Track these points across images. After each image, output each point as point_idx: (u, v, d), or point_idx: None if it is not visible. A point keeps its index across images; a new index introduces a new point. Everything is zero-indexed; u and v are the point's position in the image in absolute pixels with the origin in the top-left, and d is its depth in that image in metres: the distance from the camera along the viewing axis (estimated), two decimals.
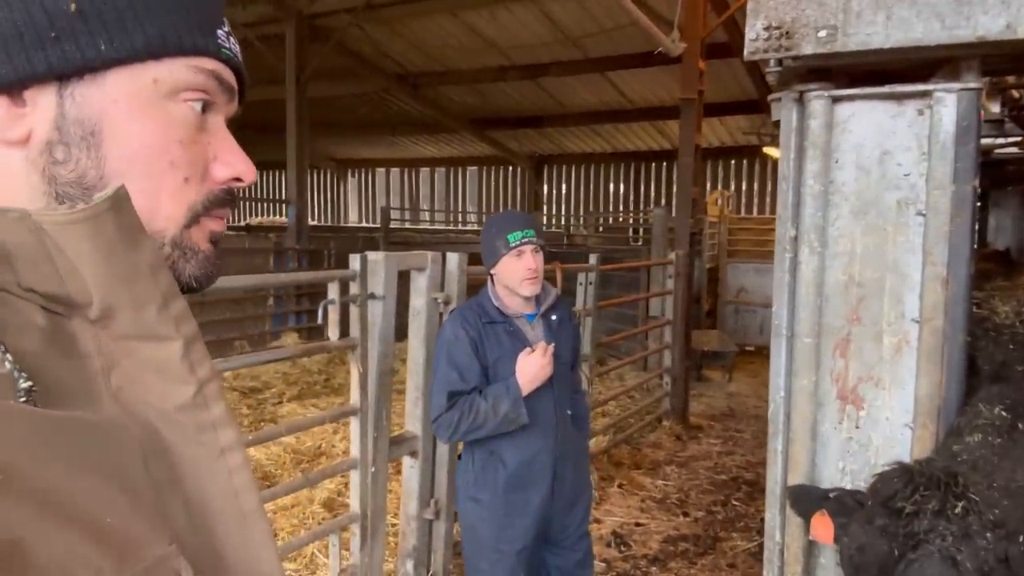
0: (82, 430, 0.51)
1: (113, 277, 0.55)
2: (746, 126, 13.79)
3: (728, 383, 9.77)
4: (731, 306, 12.38)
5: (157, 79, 0.61)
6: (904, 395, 1.96)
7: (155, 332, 0.58)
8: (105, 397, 0.57)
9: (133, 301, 0.57)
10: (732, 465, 6.51)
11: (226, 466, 0.62)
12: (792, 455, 2.08)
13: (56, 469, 0.46)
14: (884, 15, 1.75)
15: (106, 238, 0.54)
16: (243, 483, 0.63)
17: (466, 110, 14.69)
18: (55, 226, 0.53)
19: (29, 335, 0.54)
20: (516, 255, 2.34)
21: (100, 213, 0.53)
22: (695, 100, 7.26)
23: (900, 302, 1.97)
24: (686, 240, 7.12)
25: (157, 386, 0.59)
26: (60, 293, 0.55)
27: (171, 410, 0.60)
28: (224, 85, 0.67)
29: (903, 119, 1.94)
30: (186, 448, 0.60)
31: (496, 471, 2.40)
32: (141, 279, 0.57)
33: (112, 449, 0.52)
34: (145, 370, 0.59)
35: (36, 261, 0.54)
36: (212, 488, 0.61)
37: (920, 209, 1.92)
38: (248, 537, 0.63)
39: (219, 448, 0.62)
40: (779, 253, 2.11)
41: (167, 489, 0.57)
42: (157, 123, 0.62)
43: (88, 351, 0.57)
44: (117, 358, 0.58)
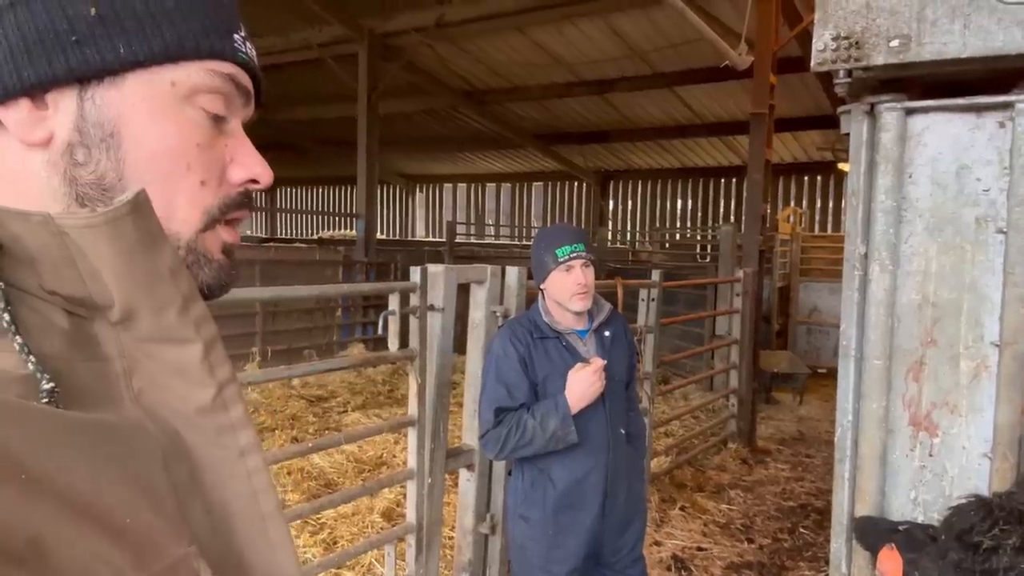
0: (103, 432, 0.51)
1: (133, 280, 0.56)
2: (820, 141, 13.42)
3: (799, 406, 9.44)
4: (803, 326, 11.99)
5: (175, 82, 0.62)
6: (982, 423, 1.85)
7: (175, 335, 0.59)
8: (126, 399, 0.58)
9: (153, 304, 0.58)
10: (801, 492, 6.27)
11: (245, 468, 0.63)
12: (860, 483, 1.98)
13: (77, 469, 0.47)
14: (961, 23, 1.67)
15: (126, 241, 0.55)
16: (262, 485, 0.64)
17: (532, 126, 14.78)
18: (77, 229, 0.54)
19: (52, 337, 0.55)
20: (565, 270, 2.31)
21: (120, 216, 0.54)
22: (765, 115, 7.10)
23: (979, 324, 1.86)
24: (755, 258, 6.95)
25: (177, 389, 0.60)
26: (82, 296, 0.56)
27: (191, 412, 0.60)
28: (241, 88, 0.67)
29: (983, 132, 1.84)
30: (206, 450, 0.61)
31: (545, 490, 2.36)
32: (161, 282, 0.58)
33: (133, 451, 0.53)
34: (166, 373, 0.60)
35: (59, 264, 0.55)
36: (232, 490, 0.62)
37: (1001, 226, 1.82)
38: (267, 539, 0.64)
39: (239, 450, 0.62)
40: (848, 271, 2.03)
41: (187, 491, 0.58)
42: (175, 126, 0.62)
43: (110, 354, 0.58)
44: (138, 360, 0.59)
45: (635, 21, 9.82)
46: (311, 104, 13.83)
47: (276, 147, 18.00)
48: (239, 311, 8.80)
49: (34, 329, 0.54)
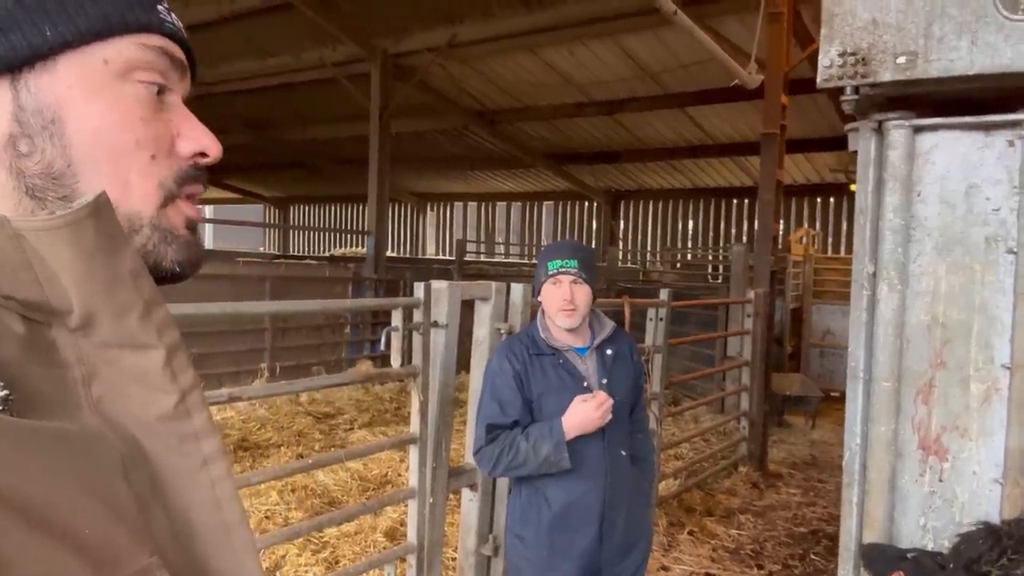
0: (60, 440, 0.50)
1: (94, 284, 0.55)
2: (833, 163, 13.37)
3: (811, 430, 9.31)
4: (816, 349, 11.87)
5: (107, 59, 0.61)
6: (993, 447, 1.80)
7: (137, 340, 0.58)
8: (85, 407, 0.56)
9: (114, 308, 0.56)
10: (813, 517, 6.16)
11: (208, 477, 0.61)
12: (868, 509, 1.93)
13: (33, 479, 0.45)
14: (968, 40, 1.64)
15: (86, 244, 0.54)
16: (226, 494, 0.62)
17: (543, 145, 14.83)
18: (35, 232, 0.53)
19: (7, 343, 0.53)
20: (553, 283, 2.29)
21: (80, 219, 0.53)
22: (776, 135, 7.08)
23: (989, 346, 1.82)
24: (766, 278, 6.89)
25: (138, 396, 0.59)
26: (40, 300, 0.55)
27: (152, 420, 0.59)
28: (175, 61, 0.66)
29: (992, 151, 1.81)
30: (168, 459, 0.60)
31: (540, 510, 2.32)
32: (122, 286, 0.57)
33: (91, 460, 0.52)
34: (126, 379, 0.58)
35: (15, 268, 0.53)
36: (195, 499, 0.61)
37: (1011, 247, 1.78)
38: (231, 549, 0.62)
39: (201, 458, 0.61)
40: (856, 290, 1.99)
41: (149, 501, 0.56)
42: (115, 103, 0.61)
43: (68, 360, 0.57)
44: (98, 367, 0.58)
45: (645, 42, 9.86)
46: (324, 123, 13.95)
47: (289, 166, 18.17)
48: (249, 327, 8.83)
49: None
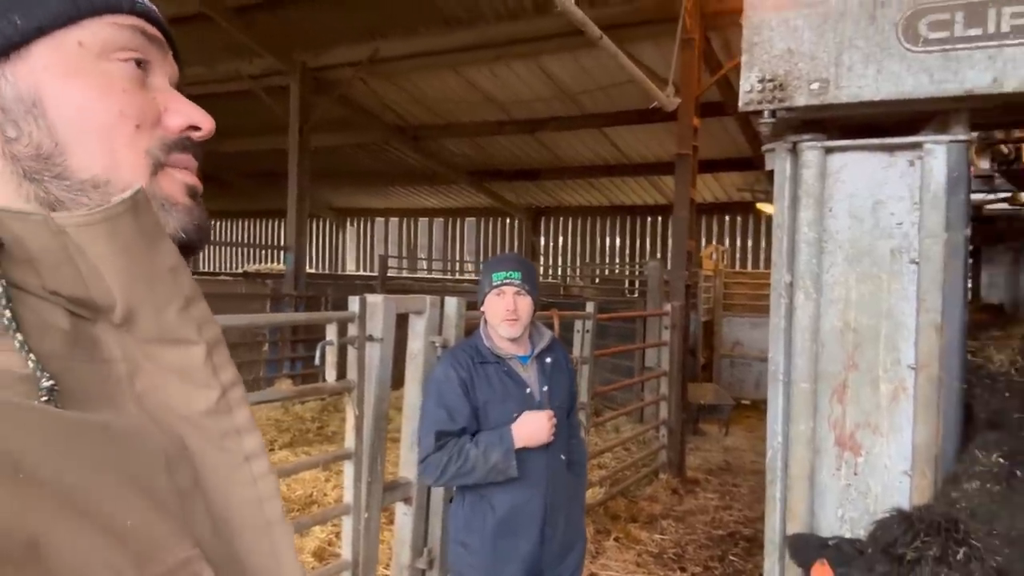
0: (103, 433, 0.51)
1: (133, 278, 0.56)
2: (740, 182, 14.03)
3: (724, 437, 9.69)
4: (727, 359, 12.37)
5: (82, 42, 0.61)
6: (902, 442, 1.96)
7: (177, 335, 0.59)
8: (129, 402, 0.57)
9: (154, 302, 0.58)
10: (729, 520, 6.40)
11: (250, 473, 0.62)
12: (791, 503, 2.06)
13: (76, 469, 0.46)
14: (875, 69, 1.81)
15: (124, 239, 0.55)
16: (268, 490, 0.63)
17: (465, 162, 14.92)
18: (75, 228, 0.54)
19: (52, 337, 0.54)
20: (497, 294, 2.37)
21: (118, 214, 0.55)
22: (690, 155, 7.39)
23: (896, 349, 1.99)
24: (681, 292, 7.16)
25: (181, 391, 0.60)
26: (83, 296, 0.56)
27: (195, 415, 0.60)
28: (153, 39, 0.66)
29: (895, 170, 1.99)
30: (210, 454, 0.60)
31: (485, 516, 2.36)
32: (161, 280, 0.58)
33: (133, 453, 0.52)
34: (169, 375, 0.59)
35: (59, 263, 0.55)
36: (236, 495, 0.61)
37: (913, 257, 1.96)
38: (271, 545, 0.63)
39: (243, 455, 0.62)
40: (775, 299, 2.13)
41: (190, 496, 0.57)
42: (95, 79, 0.61)
43: (112, 356, 0.58)
44: (140, 363, 0.59)
45: (565, 64, 10.12)
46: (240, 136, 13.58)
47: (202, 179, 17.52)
48: None
49: (34, 328, 0.53)
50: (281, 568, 0.63)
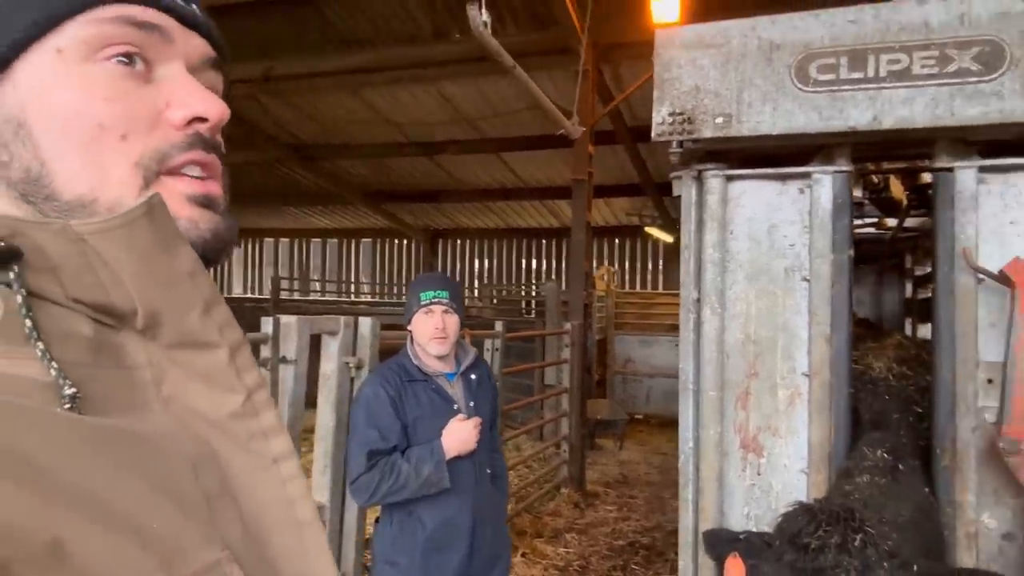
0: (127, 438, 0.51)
1: (153, 283, 0.56)
2: (628, 207, 14.64)
3: (620, 451, 10.01)
4: (619, 376, 12.78)
5: (60, 48, 0.58)
6: (799, 443, 2.16)
7: (200, 338, 0.59)
8: (156, 407, 0.57)
9: (175, 307, 0.57)
10: (628, 530, 6.63)
11: (279, 475, 0.62)
12: (702, 504, 2.21)
13: (100, 473, 0.46)
14: (771, 106, 2.02)
15: (142, 244, 0.55)
16: (298, 492, 0.63)
17: (362, 183, 14.77)
18: (93, 235, 0.54)
19: (75, 345, 0.54)
20: (425, 313, 2.41)
21: (134, 220, 0.54)
22: (586, 181, 7.69)
23: (791, 358, 2.19)
24: (580, 311, 7.40)
25: (207, 395, 0.59)
26: (105, 303, 0.56)
27: (222, 419, 0.60)
28: (145, 26, 0.60)
29: (787, 196, 2.21)
30: (238, 457, 0.60)
31: (415, 533, 2.38)
32: (181, 285, 0.57)
33: (159, 458, 0.52)
34: (194, 379, 0.59)
35: (80, 272, 0.55)
36: (266, 497, 0.61)
37: (805, 275, 2.17)
38: (303, 547, 0.62)
39: (271, 457, 0.62)
40: (684, 315, 2.30)
41: (219, 499, 0.56)
42: (73, 90, 0.58)
43: (138, 362, 0.58)
44: (166, 368, 0.58)
45: (464, 89, 10.28)
46: None
47: None
48: None
49: (57, 336, 0.53)
50: (313, 569, 0.62)
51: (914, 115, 1.89)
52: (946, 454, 1.99)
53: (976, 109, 1.82)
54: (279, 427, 0.63)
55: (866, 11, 1.93)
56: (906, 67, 1.89)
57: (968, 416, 1.96)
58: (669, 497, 7.75)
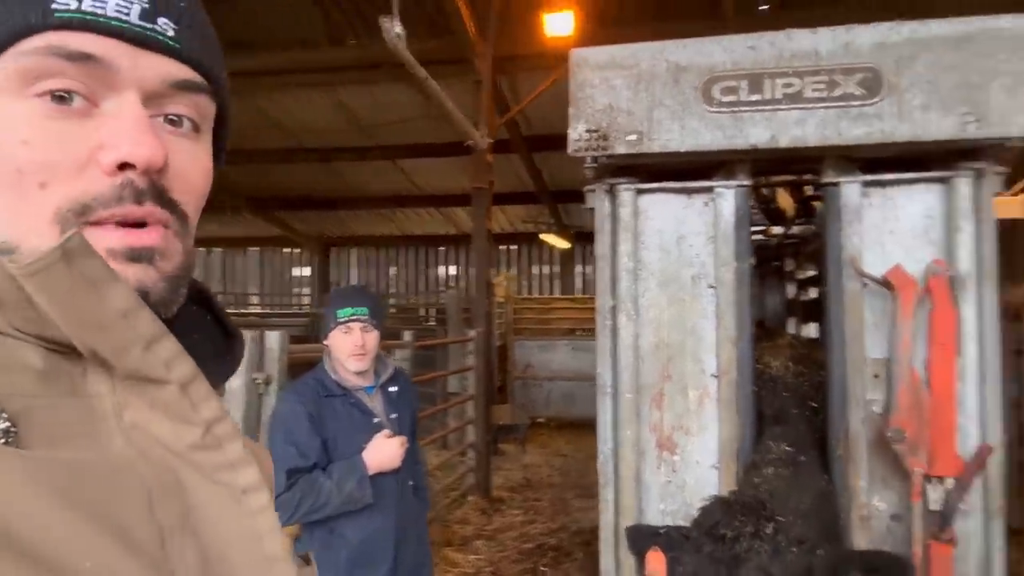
0: (67, 471, 0.49)
1: (80, 325, 0.53)
2: (524, 215, 14.89)
3: (523, 455, 10.14)
4: (519, 381, 12.95)
5: None
6: (709, 440, 2.30)
7: (146, 375, 0.56)
8: (116, 436, 0.55)
9: (112, 347, 0.54)
10: (536, 533, 6.73)
11: (248, 507, 0.59)
12: (622, 502, 2.31)
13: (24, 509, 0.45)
14: (679, 125, 2.15)
15: (61, 289, 0.51)
16: (267, 526, 0.60)
17: (249, 190, 14.24)
18: (19, 276, 0.51)
19: (18, 375, 0.53)
20: (344, 330, 2.39)
21: (48, 266, 0.51)
22: (487, 189, 7.78)
23: (700, 360, 2.33)
24: (484, 318, 7.46)
25: (167, 426, 0.57)
26: (48, 336, 0.54)
27: (184, 450, 0.57)
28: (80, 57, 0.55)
29: (693, 209, 2.35)
30: (204, 488, 0.58)
31: (338, 551, 2.35)
32: (113, 327, 0.54)
33: (106, 491, 0.51)
34: (154, 409, 0.57)
35: (19, 306, 0.53)
36: (232, 530, 0.58)
37: (711, 282, 2.32)
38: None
39: (239, 488, 0.59)
40: (600, 321, 2.40)
41: (176, 533, 0.54)
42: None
43: (98, 390, 0.56)
44: (128, 397, 0.56)
45: (359, 97, 10.15)
46: None
47: None
48: None
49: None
50: None
51: (806, 135, 2.06)
52: (840, 444, 2.18)
53: (860, 130, 2.01)
54: (246, 459, 0.60)
55: (763, 38, 2.09)
56: (799, 91, 2.06)
57: (858, 409, 2.15)
58: (572, 498, 7.94)
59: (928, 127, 1.95)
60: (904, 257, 2.12)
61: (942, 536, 1.92)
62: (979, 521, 2.02)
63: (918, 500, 1.97)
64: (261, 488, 0.60)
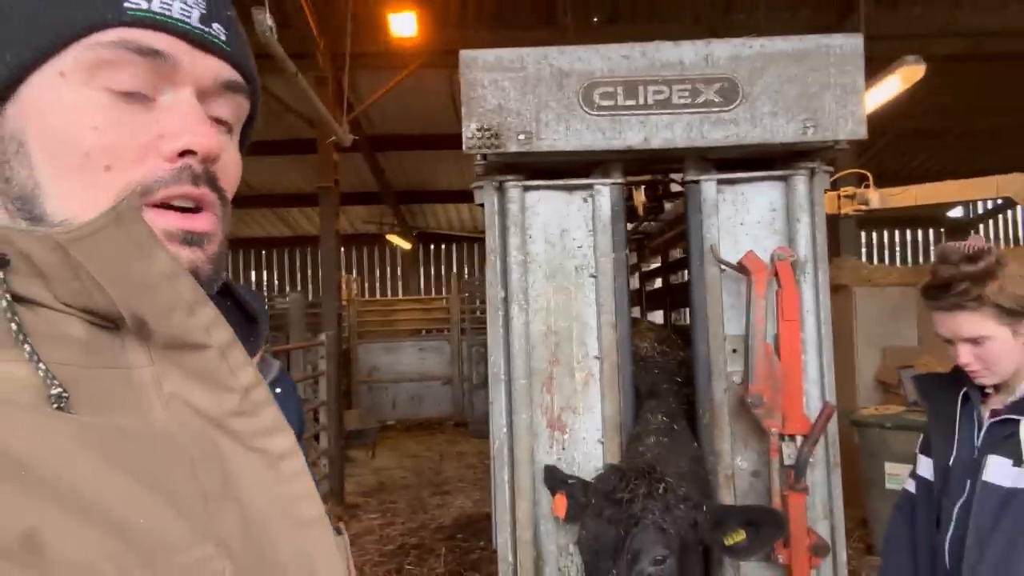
0: (117, 435, 0.52)
1: (129, 288, 0.56)
2: (366, 215, 14.67)
3: (372, 459, 10.03)
4: (364, 385, 12.77)
5: (63, 71, 0.58)
6: (594, 417, 2.49)
7: (187, 339, 0.58)
8: (155, 405, 0.57)
9: (157, 311, 0.57)
10: (395, 534, 6.73)
11: (282, 473, 0.62)
12: (518, 482, 2.44)
13: (82, 470, 0.48)
14: (564, 126, 2.31)
15: (111, 251, 0.54)
16: (302, 490, 0.63)
17: None
18: (70, 244, 0.54)
19: (66, 346, 0.56)
20: None
21: (102, 227, 0.54)
22: (333, 188, 7.63)
23: (584, 344, 2.51)
24: (334, 321, 7.33)
25: (205, 394, 0.59)
26: (93, 307, 0.57)
27: (222, 417, 0.60)
28: (147, 53, 0.59)
29: (574, 204, 2.53)
30: (241, 455, 0.60)
31: None
32: (159, 289, 0.56)
33: (153, 456, 0.53)
34: (192, 378, 0.59)
35: (65, 277, 0.56)
36: (269, 496, 0.60)
37: (592, 272, 2.51)
38: (308, 546, 0.62)
39: (276, 454, 0.62)
40: (491, 312, 2.51)
41: (218, 497, 0.56)
42: (66, 115, 0.58)
43: (137, 362, 0.59)
44: (167, 367, 0.59)
45: None
46: None
47: None
48: None
49: (47, 338, 0.54)
50: (317, 568, 0.61)
51: (675, 137, 2.31)
52: (706, 413, 2.45)
53: (720, 133, 2.28)
54: (281, 424, 0.63)
55: (635, 48, 2.31)
56: (667, 97, 2.30)
57: (720, 380, 2.43)
58: (428, 496, 8.00)
59: (776, 131, 2.26)
60: (754, 245, 2.43)
61: (796, 487, 2.23)
62: (823, 472, 2.37)
63: (775, 456, 2.28)
64: (296, 454, 0.63)
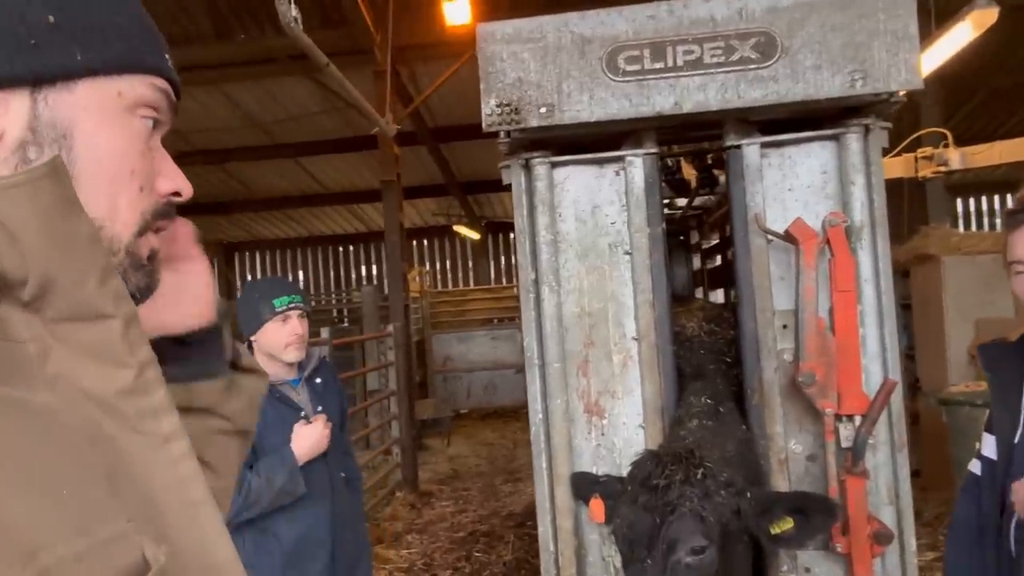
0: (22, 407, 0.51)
1: (52, 245, 0.55)
2: (435, 207, 14.79)
3: (447, 447, 10.12)
4: (440, 375, 12.91)
5: (121, 92, 0.66)
6: (634, 401, 2.37)
7: (93, 309, 0.57)
8: (40, 385, 0.55)
9: (72, 272, 0.56)
10: (467, 522, 6.75)
11: (170, 455, 0.61)
12: (556, 469, 2.35)
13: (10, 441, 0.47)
14: (588, 96, 2.19)
15: (44, 204, 0.55)
16: (188, 472, 0.62)
17: None
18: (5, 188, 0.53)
19: None
20: (282, 320, 2.33)
21: (39, 178, 0.55)
22: (395, 182, 7.69)
23: (621, 325, 2.39)
24: (401, 313, 7.39)
25: (95, 372, 0.58)
26: None
27: (110, 397, 0.58)
28: (171, 104, 0.73)
29: (605, 179, 2.40)
30: (127, 438, 0.59)
31: (271, 551, 2.29)
32: (80, 249, 0.57)
33: (57, 429, 0.52)
34: (82, 355, 0.57)
35: None
36: (157, 477, 0.60)
37: (627, 249, 2.38)
38: (198, 527, 0.62)
39: (162, 436, 0.61)
40: (524, 295, 2.42)
41: (116, 477, 0.56)
42: (122, 133, 0.66)
43: (20, 336, 0.55)
44: (51, 345, 0.56)
45: (252, 92, 9.80)
46: None
47: None
48: None
49: None
50: (207, 549, 0.62)
51: (708, 99, 2.15)
52: (756, 393, 2.29)
53: (758, 92, 2.11)
54: (169, 406, 0.62)
55: (661, 8, 2.16)
56: (699, 57, 2.14)
57: (770, 358, 2.26)
58: (501, 484, 8.00)
59: (820, 86, 2.07)
60: (803, 211, 2.25)
61: (855, 470, 2.05)
62: (887, 453, 2.17)
63: (831, 439, 2.10)
64: (181, 436, 0.63)
